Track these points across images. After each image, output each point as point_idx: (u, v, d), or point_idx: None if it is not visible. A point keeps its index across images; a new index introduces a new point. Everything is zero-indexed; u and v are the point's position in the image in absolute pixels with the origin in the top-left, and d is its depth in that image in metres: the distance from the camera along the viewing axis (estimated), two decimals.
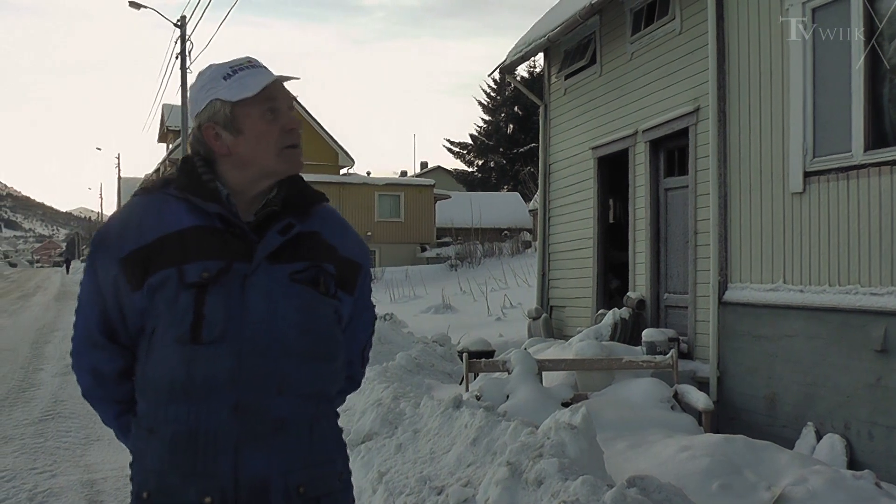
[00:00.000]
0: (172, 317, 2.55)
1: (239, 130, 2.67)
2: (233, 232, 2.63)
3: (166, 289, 2.56)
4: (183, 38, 32.91)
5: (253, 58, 2.77)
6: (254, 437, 2.53)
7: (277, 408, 2.56)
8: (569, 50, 16.36)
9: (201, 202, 2.63)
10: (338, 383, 2.80)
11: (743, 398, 10.19)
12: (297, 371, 2.59)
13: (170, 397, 2.55)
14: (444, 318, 25.13)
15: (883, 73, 8.29)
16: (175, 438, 2.55)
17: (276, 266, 2.62)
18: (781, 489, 6.42)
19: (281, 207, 2.70)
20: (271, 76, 2.69)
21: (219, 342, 2.52)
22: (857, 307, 8.36)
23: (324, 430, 2.70)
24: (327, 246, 2.76)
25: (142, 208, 2.69)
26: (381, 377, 10.47)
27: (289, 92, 2.76)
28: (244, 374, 2.52)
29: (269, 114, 2.67)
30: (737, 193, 10.35)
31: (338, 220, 2.90)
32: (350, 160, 57.94)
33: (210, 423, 2.52)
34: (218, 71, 2.72)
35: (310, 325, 2.63)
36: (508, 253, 42.85)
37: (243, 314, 2.55)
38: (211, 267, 2.56)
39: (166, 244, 2.59)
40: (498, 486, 5.81)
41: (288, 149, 2.69)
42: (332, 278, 2.73)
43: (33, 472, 8.60)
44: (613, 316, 13.07)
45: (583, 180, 15.77)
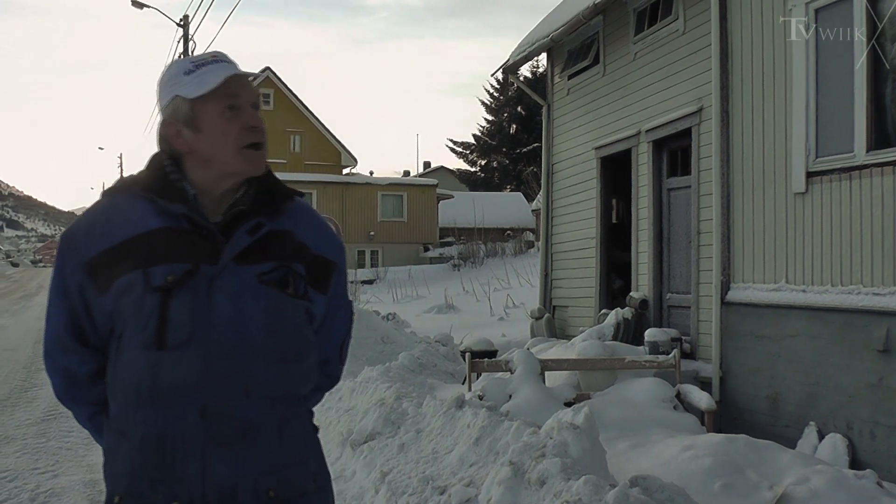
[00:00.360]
0: (138, 321, 2.51)
1: (198, 128, 2.62)
2: (200, 233, 2.57)
3: (132, 292, 2.52)
4: (186, 37, 32.90)
5: (219, 53, 2.71)
6: (221, 441, 2.49)
7: (245, 410, 2.51)
8: (572, 50, 16.37)
9: (166, 203, 2.58)
10: (309, 384, 2.74)
11: (745, 398, 10.19)
12: (264, 373, 2.55)
13: (138, 401, 2.53)
14: (446, 318, 25.15)
15: (885, 74, 8.30)
16: (144, 442, 2.52)
17: (244, 267, 2.57)
18: (783, 489, 6.42)
19: (250, 206, 2.65)
20: (230, 71, 2.62)
21: (184, 346, 2.48)
22: (859, 307, 8.36)
23: (294, 431, 2.65)
24: (298, 245, 2.70)
25: (108, 209, 2.66)
26: (383, 377, 10.48)
27: (254, 89, 2.70)
28: (211, 378, 2.48)
29: (228, 111, 2.61)
30: (739, 193, 10.35)
31: (311, 216, 2.85)
32: (353, 160, 58.02)
33: (177, 427, 2.49)
34: (181, 66, 2.67)
35: (277, 327, 2.58)
36: (511, 253, 42.92)
37: (210, 317, 2.50)
38: (176, 270, 2.51)
39: (132, 247, 2.55)
40: (500, 486, 5.82)
41: (248, 148, 2.62)
42: (302, 278, 2.67)
43: (35, 472, 8.60)
44: (616, 316, 13.07)
45: (586, 180, 15.77)
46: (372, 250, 49.11)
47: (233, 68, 2.63)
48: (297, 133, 54.55)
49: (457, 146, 73.01)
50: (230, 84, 2.60)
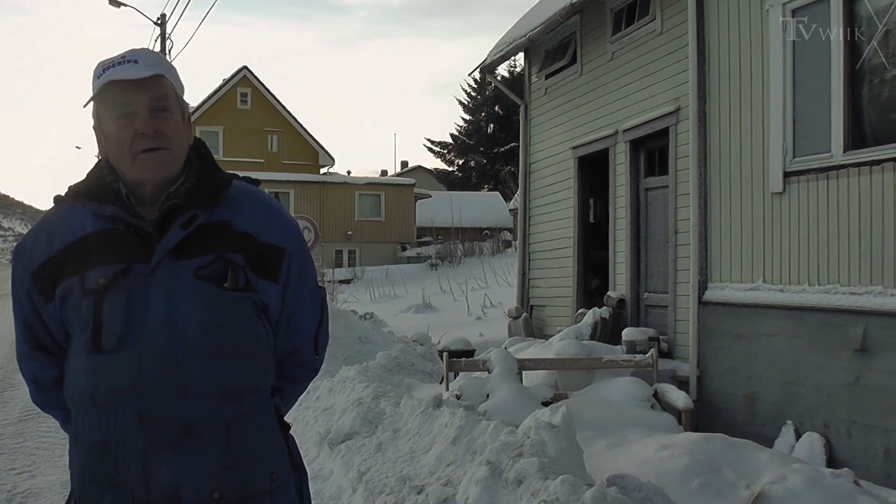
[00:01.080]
0: (79, 326, 2.50)
1: (105, 134, 2.58)
2: (135, 233, 2.53)
3: (72, 297, 2.51)
4: (163, 36, 32.75)
5: (135, 51, 2.60)
6: (161, 445, 2.44)
7: (185, 412, 2.45)
8: (549, 49, 16.37)
9: (96, 206, 2.55)
10: (261, 379, 2.64)
11: (723, 397, 10.21)
12: (203, 372, 2.47)
13: (83, 406, 2.52)
14: (424, 317, 25.13)
15: (862, 74, 8.32)
16: (92, 447, 2.51)
17: (180, 262, 2.50)
18: (761, 487, 6.43)
19: (185, 199, 2.56)
20: (114, 77, 2.50)
21: (118, 349, 2.45)
22: (836, 306, 8.39)
23: (246, 428, 2.57)
24: (239, 235, 2.60)
25: (53, 218, 2.64)
26: (361, 376, 10.44)
27: (156, 90, 2.55)
28: (145, 381, 2.43)
29: (123, 118, 2.51)
30: (717, 193, 10.37)
31: (257, 203, 2.72)
32: (330, 159, 57.87)
33: (117, 432, 2.46)
34: (98, 68, 2.58)
35: (216, 322, 2.50)
36: (489, 252, 42.93)
37: (144, 317, 2.46)
38: (108, 271, 2.48)
39: (71, 253, 2.53)
40: (478, 486, 5.80)
41: (144, 153, 2.51)
42: (242, 269, 2.57)
43: (12, 472, 8.55)
44: (594, 315, 13.07)
45: (563, 180, 15.77)
46: (349, 250, 49.08)
47: (123, 72, 2.52)
48: (274, 132, 54.38)
49: (434, 146, 73.09)
50: (120, 90, 2.52)
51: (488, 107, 70.06)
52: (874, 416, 8.02)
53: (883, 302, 7.85)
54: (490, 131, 70.23)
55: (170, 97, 2.58)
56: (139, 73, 2.51)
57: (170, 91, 2.59)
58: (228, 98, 53.68)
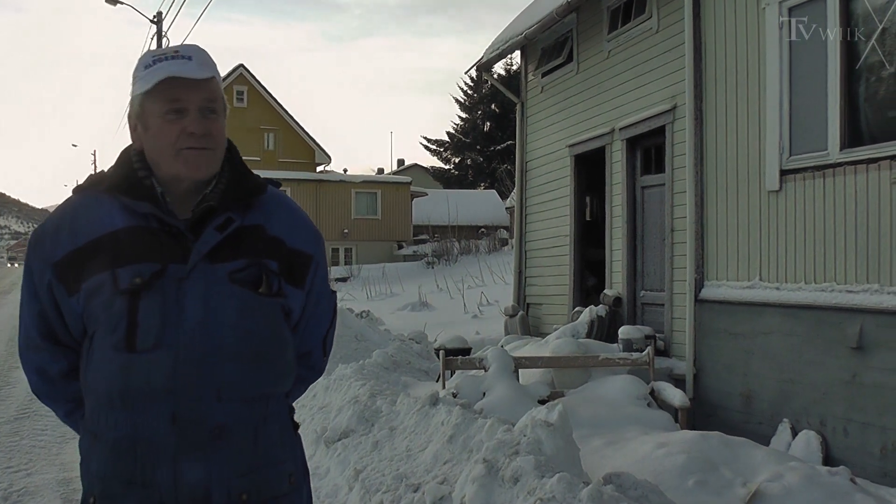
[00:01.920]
0: (108, 323, 2.45)
1: (147, 126, 2.54)
2: (168, 232, 2.50)
3: (101, 294, 2.46)
4: (159, 34, 32.77)
5: (187, 47, 2.58)
6: (193, 447, 2.44)
7: (217, 414, 2.46)
8: (546, 48, 16.36)
9: (131, 202, 2.51)
10: (286, 382, 2.68)
11: (719, 395, 10.22)
12: (237, 375, 2.49)
13: (109, 404, 2.48)
14: (420, 315, 25.12)
15: (859, 72, 8.32)
16: (117, 445, 2.47)
17: (215, 266, 2.49)
18: (757, 485, 6.43)
19: (219, 201, 2.55)
20: (173, 72, 2.48)
21: (154, 350, 2.42)
22: (832, 304, 8.39)
23: (271, 431, 2.59)
24: (271, 240, 2.61)
25: (76, 209, 2.58)
26: (357, 374, 10.44)
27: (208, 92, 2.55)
28: (181, 383, 2.42)
29: (171, 114, 2.49)
30: (713, 191, 10.37)
31: (286, 208, 2.73)
32: (327, 157, 57.88)
33: (148, 432, 2.44)
34: (144, 58, 2.57)
35: (250, 327, 2.51)
36: (485, 250, 42.90)
37: (179, 319, 2.44)
38: (144, 271, 2.44)
39: (100, 247, 2.48)
40: (474, 484, 5.80)
41: (187, 150, 2.50)
42: (276, 275, 2.58)
43: (9, 470, 8.54)
44: (590, 313, 13.07)
45: (559, 178, 15.76)
46: (346, 248, 49.07)
47: (179, 68, 2.49)
48: (270, 130, 54.38)
49: (431, 144, 73.06)
50: (173, 86, 2.49)
51: (485, 105, 70.04)
52: (870, 413, 8.02)
53: (879, 300, 7.86)
54: (486, 129, 70.21)
55: (218, 99, 2.59)
56: (196, 73, 2.50)
57: (219, 93, 2.60)
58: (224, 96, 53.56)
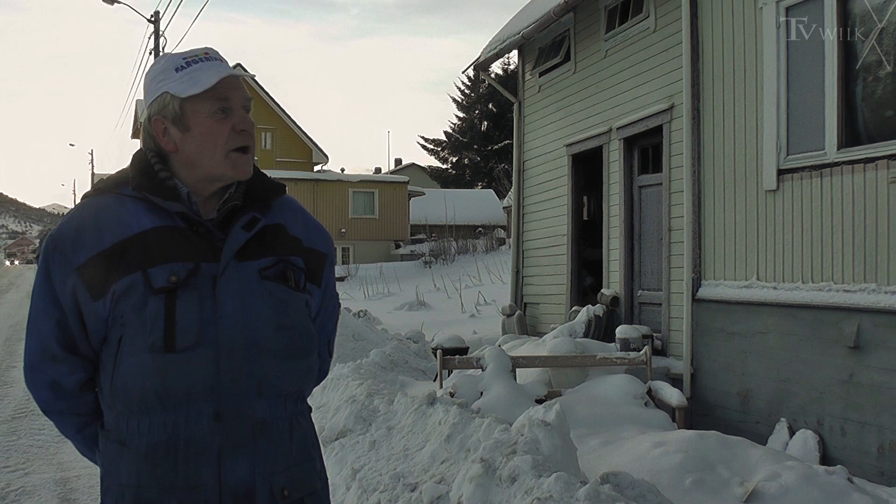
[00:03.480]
0: (142, 324, 2.42)
1: (187, 127, 2.54)
2: (196, 231, 2.51)
3: (133, 295, 2.43)
4: (156, 33, 32.74)
5: (211, 49, 2.63)
6: (237, 443, 2.46)
7: (259, 410, 2.49)
8: (543, 47, 16.36)
9: (162, 201, 2.51)
10: (314, 379, 2.75)
11: (716, 394, 10.22)
12: (276, 370, 2.52)
13: (142, 408, 2.45)
14: (418, 314, 25.12)
15: (856, 72, 8.33)
16: (152, 451, 2.44)
17: (245, 263, 2.52)
18: (754, 484, 6.43)
19: (243, 201, 2.61)
20: (224, 72, 2.54)
21: (194, 348, 2.42)
22: (830, 304, 8.40)
23: (303, 428, 2.64)
24: (292, 239, 2.67)
25: (97, 210, 2.55)
26: (355, 374, 10.44)
27: (244, 90, 2.61)
28: (224, 380, 2.44)
29: (219, 113, 2.53)
30: (710, 191, 10.38)
31: (299, 210, 2.79)
32: (324, 157, 57.83)
33: (190, 432, 2.43)
34: (171, 61, 2.58)
35: (285, 322, 2.54)
36: (482, 250, 42.94)
37: (217, 317, 2.45)
38: (179, 270, 2.45)
39: (128, 248, 2.46)
40: (471, 483, 5.80)
41: (236, 152, 2.55)
42: (302, 272, 2.65)
43: (6, 470, 8.54)
44: (587, 313, 13.08)
45: (557, 177, 15.77)
46: (343, 247, 49.05)
47: (226, 68, 2.57)
48: (268, 130, 54.32)
49: (428, 143, 73.08)
50: (222, 85, 2.53)
51: (482, 104, 70.07)
52: (868, 413, 8.03)
53: (876, 299, 7.86)
54: (484, 129, 70.22)
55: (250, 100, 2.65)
56: (237, 72, 2.59)
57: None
58: None
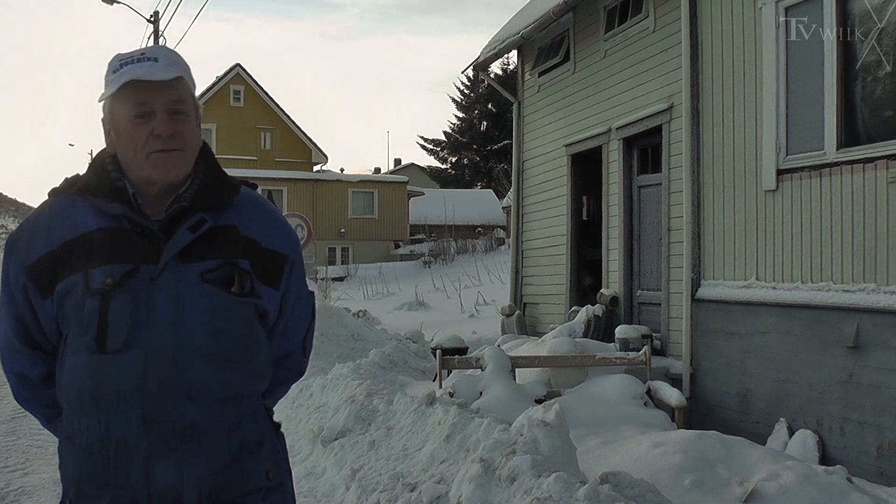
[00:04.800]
0: (80, 324, 2.45)
1: (116, 130, 2.54)
2: (141, 232, 2.50)
3: (73, 296, 2.46)
4: (156, 33, 32.71)
5: (154, 49, 2.59)
6: (164, 447, 2.43)
7: (189, 415, 2.45)
8: (542, 47, 16.36)
9: (103, 203, 2.51)
10: (260, 383, 2.67)
11: (716, 394, 10.22)
12: (209, 376, 2.47)
13: (81, 406, 2.48)
14: (417, 314, 25.13)
15: (856, 72, 8.33)
16: (89, 447, 2.47)
17: (187, 265, 2.49)
18: (754, 484, 6.43)
19: (192, 202, 2.54)
20: (135, 75, 2.46)
21: (124, 350, 2.42)
22: (829, 304, 8.40)
23: (246, 432, 2.58)
24: (245, 240, 2.60)
25: (52, 211, 2.58)
26: (354, 374, 10.43)
27: (174, 91, 2.53)
28: (150, 383, 2.42)
29: (138, 118, 2.48)
30: (710, 191, 10.38)
31: (261, 209, 2.73)
32: (323, 157, 57.83)
33: (120, 433, 2.44)
34: (113, 62, 2.55)
35: (221, 327, 2.50)
36: (482, 250, 42.96)
37: (149, 319, 2.43)
38: (115, 271, 2.44)
39: (73, 249, 2.48)
40: (471, 483, 5.80)
41: (158, 153, 2.49)
42: (248, 275, 2.57)
43: (6, 469, 8.53)
44: (587, 313, 13.07)
45: (556, 177, 15.77)
46: (342, 247, 49.06)
47: (144, 70, 2.48)
48: (267, 130, 54.34)
49: (427, 143, 73.13)
50: (139, 89, 2.48)
51: (481, 104, 70.10)
52: (867, 413, 8.03)
53: (876, 299, 7.86)
54: (483, 129, 70.24)
55: (187, 100, 2.57)
56: (160, 75, 2.49)
57: (188, 93, 2.58)
58: (221, 95, 53.55)
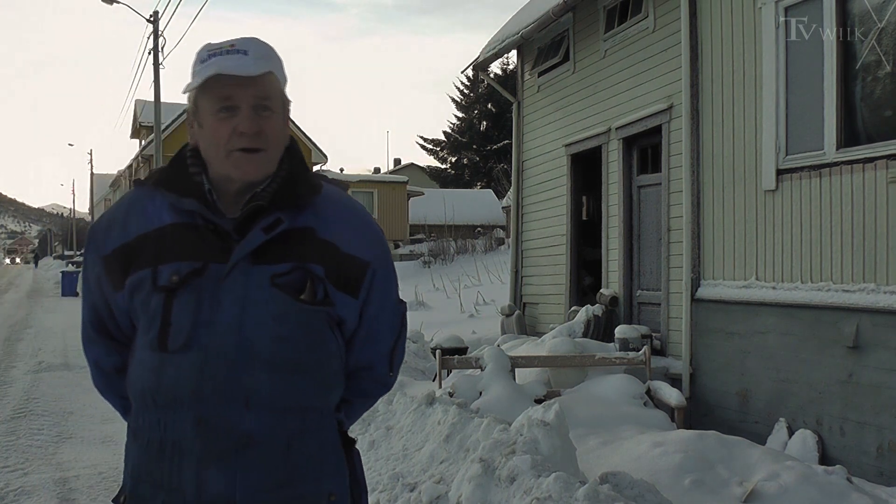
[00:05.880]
0: (145, 321, 2.40)
1: (200, 123, 2.46)
2: (214, 230, 2.41)
3: (142, 291, 2.40)
4: (156, 33, 32.71)
5: (244, 41, 2.46)
6: (217, 454, 2.34)
7: (245, 423, 2.35)
8: (542, 47, 16.36)
9: (175, 198, 2.43)
10: (330, 395, 2.54)
11: (715, 394, 10.22)
12: (268, 383, 2.36)
13: (143, 403, 2.43)
14: (417, 314, 25.09)
15: (855, 72, 8.33)
16: (149, 446, 2.41)
17: (257, 267, 2.38)
18: (754, 484, 6.43)
19: (270, 201, 2.43)
20: (221, 68, 2.37)
21: (184, 350, 2.35)
22: (829, 304, 8.40)
23: (309, 446, 2.45)
24: (322, 243, 2.47)
25: (131, 203, 2.52)
26: None
27: (259, 88, 2.41)
28: (207, 386, 2.34)
29: (222, 112, 2.39)
30: (709, 191, 10.38)
31: (345, 211, 2.59)
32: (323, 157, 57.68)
33: (175, 435, 2.36)
34: (201, 52, 2.45)
35: (286, 334, 2.38)
36: (482, 250, 42.90)
37: (212, 320, 2.35)
38: (182, 269, 2.37)
39: (146, 243, 2.42)
40: (471, 483, 5.80)
41: (239, 152, 2.39)
42: (322, 281, 2.44)
43: (5, 470, 8.52)
44: (586, 313, 13.07)
45: (556, 177, 15.77)
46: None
47: (232, 64, 2.38)
48: None
49: (427, 143, 73.06)
50: (225, 83, 2.38)
51: (481, 104, 70.05)
52: (867, 413, 8.03)
53: (876, 299, 7.87)
54: (483, 129, 70.19)
55: (274, 96, 2.47)
56: (248, 70, 2.39)
57: (276, 89, 2.48)
58: None
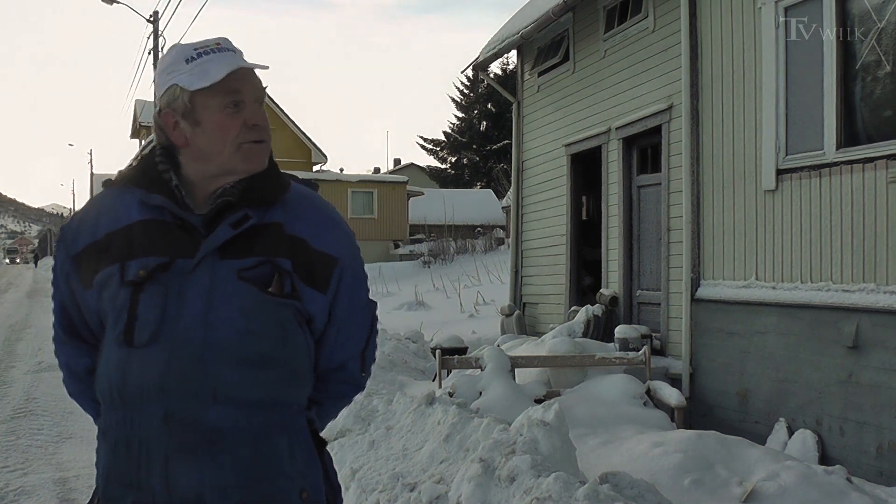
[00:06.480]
0: (113, 317, 2.41)
1: (197, 121, 2.45)
2: (182, 226, 2.43)
3: (110, 287, 2.42)
4: (155, 33, 32.75)
5: (224, 39, 2.51)
6: (185, 449, 2.33)
7: (213, 417, 2.34)
8: (542, 47, 16.36)
9: (143, 194, 2.46)
10: (299, 390, 2.54)
11: (715, 394, 10.22)
12: (236, 377, 2.36)
13: (110, 401, 2.43)
14: (417, 314, 25.09)
15: (855, 72, 8.33)
16: (116, 445, 2.41)
17: (225, 262, 2.40)
18: (753, 484, 6.44)
19: (238, 197, 2.46)
20: (235, 64, 2.43)
21: (150, 345, 2.35)
22: (829, 304, 8.40)
23: (278, 442, 2.45)
24: (291, 239, 2.49)
25: (100, 203, 2.56)
26: None
27: (258, 82, 2.50)
28: (173, 381, 2.33)
29: (231, 107, 2.43)
30: (709, 191, 10.38)
31: (314, 208, 2.62)
32: (323, 157, 57.77)
33: (142, 431, 2.36)
34: (182, 52, 2.47)
35: (252, 328, 2.39)
36: (481, 250, 42.89)
37: (178, 314, 2.36)
38: (149, 264, 2.38)
39: (114, 240, 2.44)
40: (470, 483, 5.80)
41: (250, 144, 2.46)
42: (289, 275, 2.45)
43: (5, 469, 8.52)
44: (586, 313, 13.08)
45: (556, 177, 15.77)
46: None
47: (238, 59, 2.45)
48: None
49: (427, 143, 73.02)
50: (233, 77, 2.43)
51: (481, 104, 70.01)
52: (867, 413, 8.03)
53: (875, 299, 7.87)
54: (483, 129, 70.16)
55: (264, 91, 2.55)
56: (249, 63, 2.48)
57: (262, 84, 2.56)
58: None
